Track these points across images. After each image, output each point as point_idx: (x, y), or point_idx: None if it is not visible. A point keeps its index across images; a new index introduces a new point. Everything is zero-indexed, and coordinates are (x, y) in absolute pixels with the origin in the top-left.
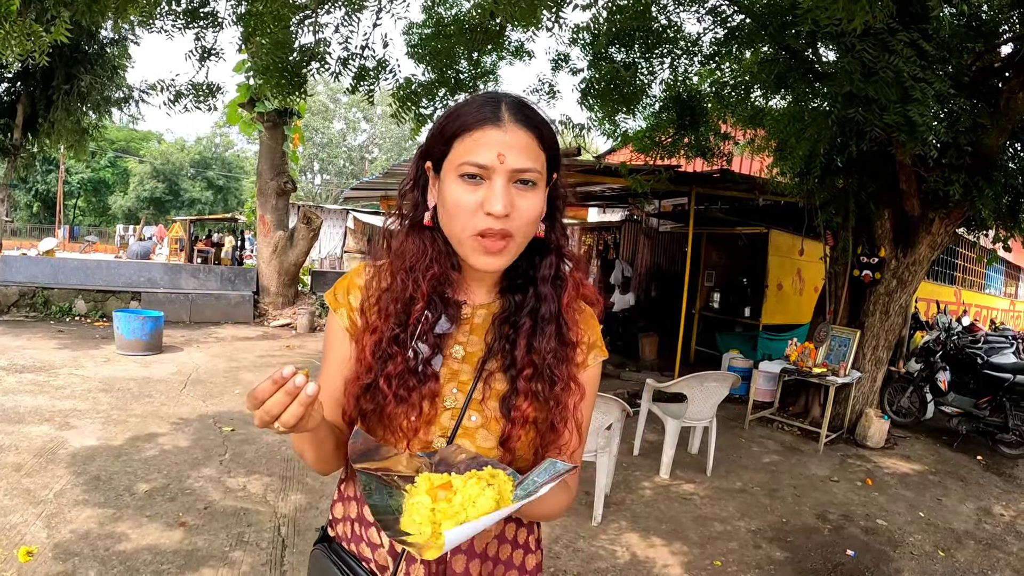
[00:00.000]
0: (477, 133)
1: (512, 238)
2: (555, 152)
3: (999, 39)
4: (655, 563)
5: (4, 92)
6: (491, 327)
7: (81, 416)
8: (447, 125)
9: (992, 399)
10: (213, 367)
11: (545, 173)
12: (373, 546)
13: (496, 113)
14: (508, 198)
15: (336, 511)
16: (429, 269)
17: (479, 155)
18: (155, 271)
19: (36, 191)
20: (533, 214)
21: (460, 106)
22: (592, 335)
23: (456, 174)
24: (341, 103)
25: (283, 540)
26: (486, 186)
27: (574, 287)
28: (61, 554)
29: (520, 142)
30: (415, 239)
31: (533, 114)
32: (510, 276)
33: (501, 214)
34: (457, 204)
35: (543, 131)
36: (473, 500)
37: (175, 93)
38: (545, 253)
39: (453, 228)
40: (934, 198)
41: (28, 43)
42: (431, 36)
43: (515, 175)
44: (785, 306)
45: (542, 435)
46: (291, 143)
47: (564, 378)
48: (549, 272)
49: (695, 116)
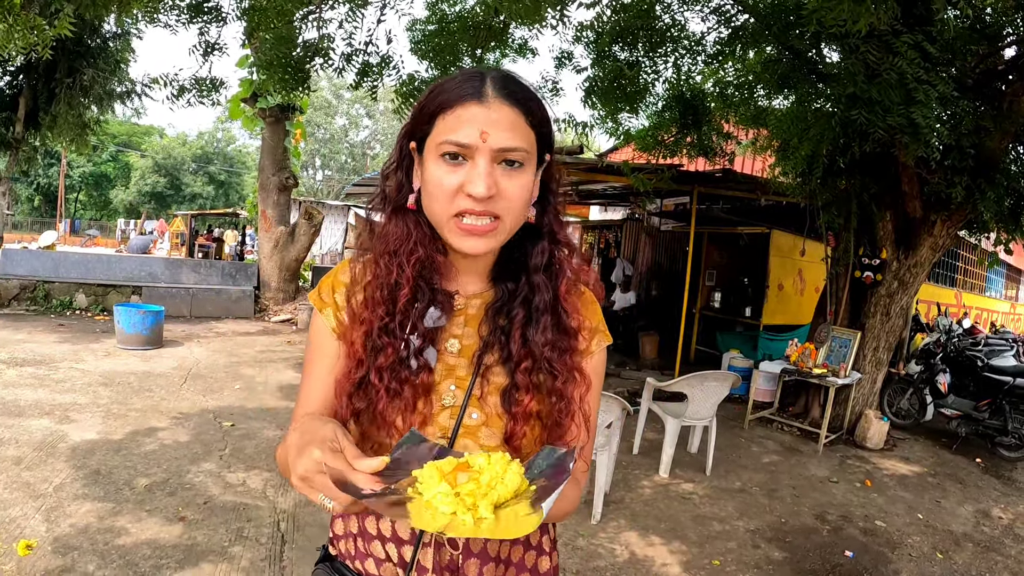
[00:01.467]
0: (459, 110)
1: (500, 220)
2: (546, 130)
3: (1003, 42)
4: (654, 562)
5: (6, 85)
6: (484, 318)
7: (81, 410)
8: (428, 102)
9: (992, 402)
10: (213, 362)
11: (535, 152)
12: (379, 561)
13: (479, 88)
14: (491, 179)
15: (336, 527)
16: (413, 253)
17: (460, 133)
18: (156, 266)
19: (38, 184)
20: (521, 196)
21: (443, 82)
22: (594, 319)
23: (437, 153)
24: (344, 99)
25: (282, 536)
26: (469, 165)
27: (572, 274)
28: (60, 548)
29: (505, 119)
30: (398, 222)
31: (519, 88)
32: (502, 264)
33: (483, 196)
34: (438, 185)
35: (531, 106)
36: (501, 477)
37: (178, 88)
38: (537, 239)
39: (434, 210)
40: (936, 200)
41: (31, 37)
42: (435, 33)
43: (500, 154)
44: (786, 306)
45: (548, 430)
46: (293, 139)
47: (566, 369)
48: (541, 259)
49: (698, 115)
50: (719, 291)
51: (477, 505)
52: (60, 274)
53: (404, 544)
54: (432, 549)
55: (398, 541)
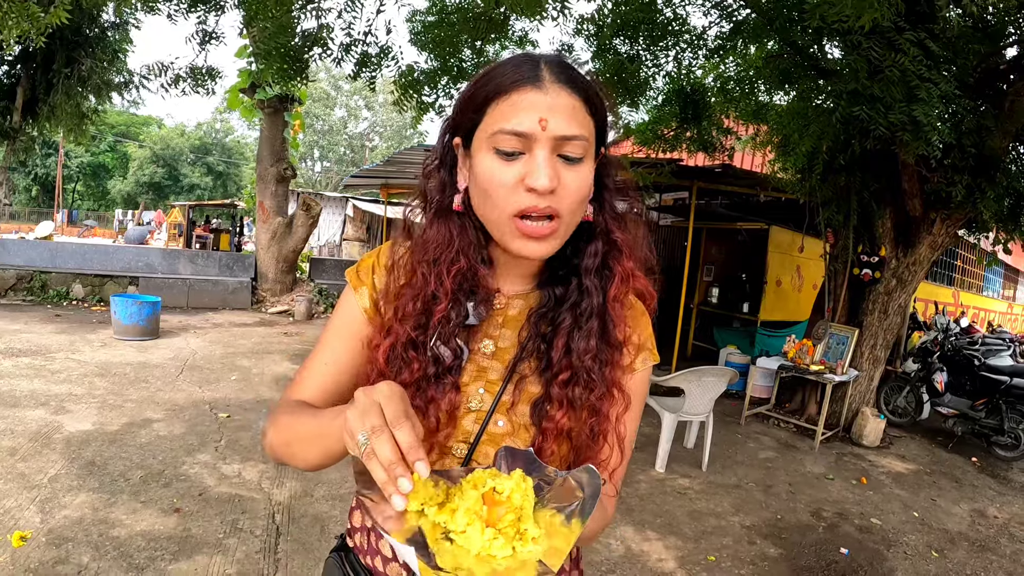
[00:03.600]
0: (514, 96)
1: (560, 219)
2: (605, 119)
3: (1005, 41)
4: (649, 556)
5: (4, 75)
6: (526, 323)
7: (77, 401)
8: (478, 90)
9: (988, 401)
10: (210, 353)
11: (594, 143)
12: (386, 560)
13: (535, 72)
14: (553, 170)
15: (355, 519)
16: (455, 263)
17: (517, 121)
18: (153, 256)
19: (35, 175)
20: (582, 191)
21: (492, 68)
22: (642, 335)
23: (490, 146)
24: (343, 90)
25: (277, 528)
26: (526, 158)
27: (622, 279)
28: (55, 539)
29: (565, 105)
30: (441, 226)
31: (578, 74)
32: (551, 266)
33: (546, 189)
34: (491, 180)
35: (590, 93)
36: (527, 494)
37: (173, 76)
38: (591, 239)
39: (489, 210)
40: (936, 199)
41: (26, 24)
42: (435, 24)
43: (560, 144)
44: (784, 303)
45: (577, 450)
46: (291, 130)
47: (605, 383)
48: (594, 261)
49: (698, 110)
50: (717, 287)
51: (524, 533)
52: (57, 264)
53: None
54: None
55: None
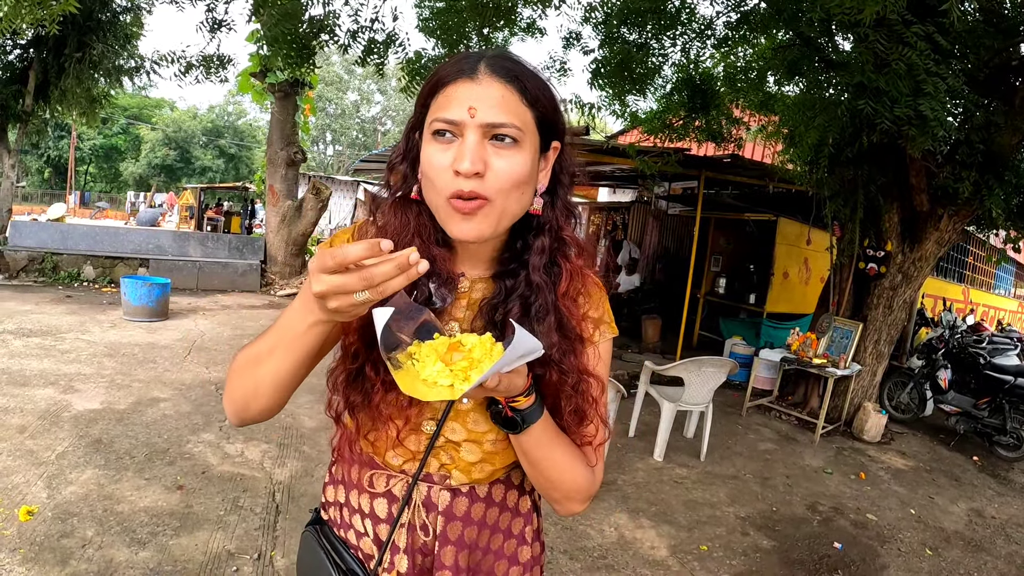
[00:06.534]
0: (450, 88)
1: (489, 201)
2: (547, 111)
3: (1017, 36)
4: (642, 544)
5: (16, 59)
6: (478, 313)
7: (86, 380)
8: (425, 86)
9: (992, 400)
10: (218, 335)
11: (533, 132)
12: (359, 534)
13: (473, 67)
14: (477, 154)
15: (328, 494)
16: (410, 244)
17: (449, 110)
18: (163, 238)
19: (48, 157)
20: (511, 175)
21: (440, 66)
22: (599, 309)
23: (429, 133)
24: (356, 74)
25: (277, 506)
26: (457, 143)
27: (571, 276)
28: (61, 514)
29: (495, 94)
30: (400, 213)
31: (514, 65)
32: (505, 256)
33: (469, 172)
34: (431, 165)
35: (526, 83)
36: (489, 353)
37: (185, 65)
38: (539, 234)
39: (433, 195)
40: (943, 194)
41: (38, 12)
42: (442, 10)
43: (489, 130)
44: (790, 295)
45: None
46: (302, 114)
47: (575, 372)
48: (541, 258)
49: (706, 100)
50: (724, 277)
51: (469, 376)
52: (68, 246)
53: (380, 523)
54: (406, 531)
55: (375, 519)
